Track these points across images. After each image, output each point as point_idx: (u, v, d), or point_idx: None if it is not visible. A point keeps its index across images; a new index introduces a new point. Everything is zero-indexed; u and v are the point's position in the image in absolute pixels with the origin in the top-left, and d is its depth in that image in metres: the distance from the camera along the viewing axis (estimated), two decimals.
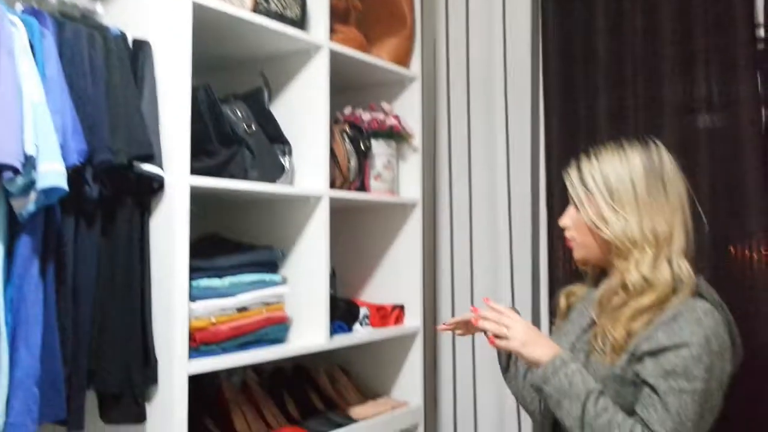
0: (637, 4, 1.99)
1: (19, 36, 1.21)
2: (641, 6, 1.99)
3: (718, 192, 1.84)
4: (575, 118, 2.10)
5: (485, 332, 1.29)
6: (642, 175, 1.22)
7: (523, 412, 2.05)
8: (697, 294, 1.19)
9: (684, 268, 1.20)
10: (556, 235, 2.07)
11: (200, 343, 1.51)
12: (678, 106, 1.93)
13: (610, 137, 1.95)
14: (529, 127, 2.14)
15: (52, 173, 1.17)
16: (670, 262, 1.19)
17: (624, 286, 1.20)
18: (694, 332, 1.13)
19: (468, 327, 1.45)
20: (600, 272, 1.35)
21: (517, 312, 1.32)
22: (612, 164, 1.25)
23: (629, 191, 1.22)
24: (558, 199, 2.08)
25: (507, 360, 1.45)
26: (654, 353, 1.13)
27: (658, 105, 1.96)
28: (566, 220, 1.33)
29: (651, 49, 1.97)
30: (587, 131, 2.08)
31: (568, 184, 1.30)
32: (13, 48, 1.19)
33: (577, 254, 1.33)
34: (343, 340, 1.86)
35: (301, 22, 1.75)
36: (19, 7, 1.31)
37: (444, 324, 1.51)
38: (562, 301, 1.40)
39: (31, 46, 1.23)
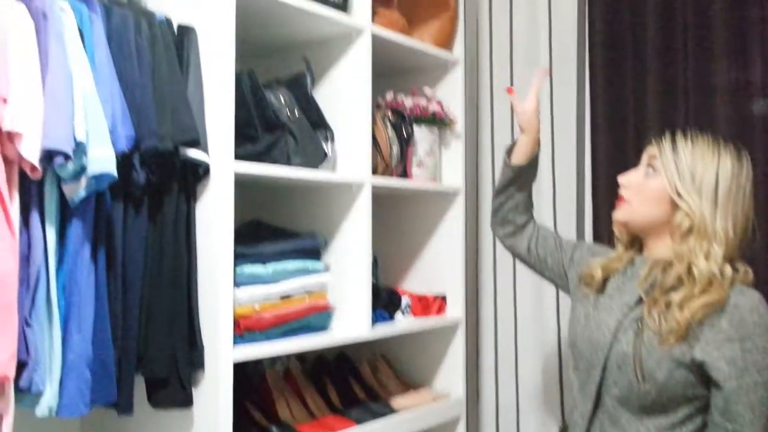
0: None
1: (69, 21, 1.22)
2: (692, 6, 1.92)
3: None
4: (622, 100, 2.04)
5: None
6: (728, 176, 1.24)
7: (567, 406, 2.02)
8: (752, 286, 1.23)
9: (742, 267, 1.24)
10: (601, 221, 2.03)
11: (244, 330, 1.51)
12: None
13: (657, 120, 1.95)
14: (575, 109, 2.09)
15: (102, 159, 1.17)
16: (732, 261, 1.23)
17: (690, 274, 1.20)
18: (756, 323, 1.16)
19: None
20: (630, 240, 1.37)
21: None
22: (704, 154, 1.26)
23: (711, 185, 1.23)
24: (604, 184, 2.03)
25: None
26: (719, 344, 1.16)
27: (708, 87, 1.89)
28: (630, 178, 1.34)
29: (701, 32, 1.90)
30: (635, 113, 2.02)
31: (656, 150, 1.30)
32: (63, 33, 1.19)
33: (624, 215, 1.34)
34: (384, 329, 1.85)
35: (343, 6, 1.73)
36: None
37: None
38: (598, 273, 1.38)
39: (80, 32, 1.23)
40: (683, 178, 1.25)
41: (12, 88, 1.11)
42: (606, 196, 2.00)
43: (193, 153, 1.38)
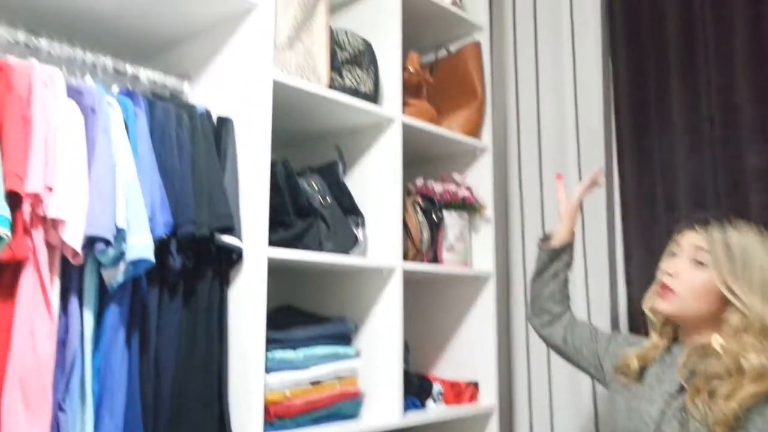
0: (711, 87, 1.96)
1: (115, 115, 1.29)
2: (716, 83, 1.95)
3: None
4: (651, 189, 2.05)
5: None
6: None
7: None
8: None
9: None
10: (636, 305, 1.99)
11: (274, 416, 1.49)
12: None
13: (689, 211, 1.94)
14: (605, 197, 2.09)
15: (141, 245, 1.21)
16: None
17: (739, 368, 1.18)
18: None
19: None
20: (664, 324, 1.36)
21: None
22: (754, 248, 1.26)
23: (765, 281, 1.23)
24: (637, 276, 2.01)
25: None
26: None
27: (738, 170, 1.89)
28: (677, 267, 1.32)
29: (729, 117, 1.92)
30: (665, 200, 2.02)
31: (701, 240, 1.29)
32: (109, 127, 1.26)
33: (671, 308, 1.32)
34: (416, 417, 1.81)
35: (374, 97, 1.80)
36: (115, 88, 1.40)
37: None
38: (634, 363, 1.36)
39: (126, 125, 1.30)
40: (735, 275, 1.24)
41: (58, 178, 1.16)
42: (639, 281, 1.97)
43: (228, 239, 1.41)
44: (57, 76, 1.24)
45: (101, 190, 1.19)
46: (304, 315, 1.75)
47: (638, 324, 1.94)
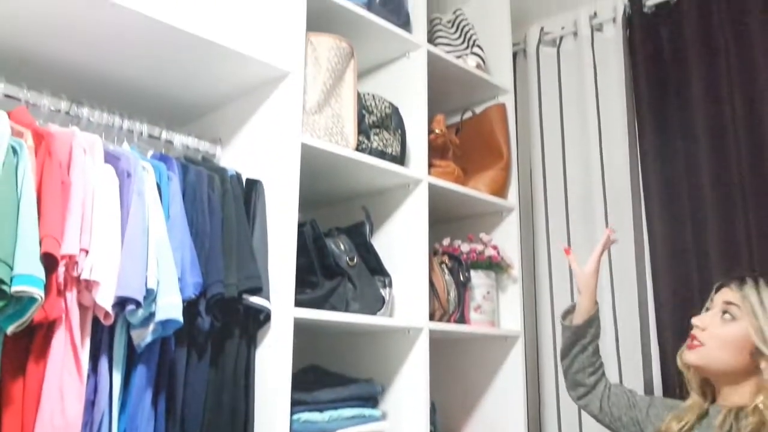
0: (740, 143, 1.96)
1: (149, 179, 1.33)
2: (746, 147, 1.95)
3: None
4: (681, 246, 2.03)
5: None
6: None
7: None
8: None
9: None
10: (668, 365, 1.95)
11: None
12: None
13: (721, 268, 1.91)
14: (633, 256, 2.08)
15: (170, 306, 1.23)
16: None
17: None
18: None
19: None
20: (702, 386, 1.36)
21: None
22: None
23: None
24: (670, 335, 1.97)
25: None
26: None
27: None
28: (705, 321, 1.33)
29: (757, 181, 1.91)
30: (696, 257, 2.00)
31: (733, 295, 1.30)
32: (144, 190, 1.30)
33: (697, 359, 1.33)
34: None
35: (401, 158, 1.83)
36: (150, 153, 1.45)
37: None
38: (674, 427, 1.35)
39: (159, 188, 1.34)
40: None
41: (93, 240, 1.20)
42: (673, 339, 1.93)
43: (256, 300, 1.43)
44: (96, 142, 1.29)
45: (133, 251, 1.22)
46: (330, 376, 1.74)
47: (672, 385, 1.89)
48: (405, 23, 1.92)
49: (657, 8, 2.22)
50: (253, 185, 1.56)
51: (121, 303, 1.21)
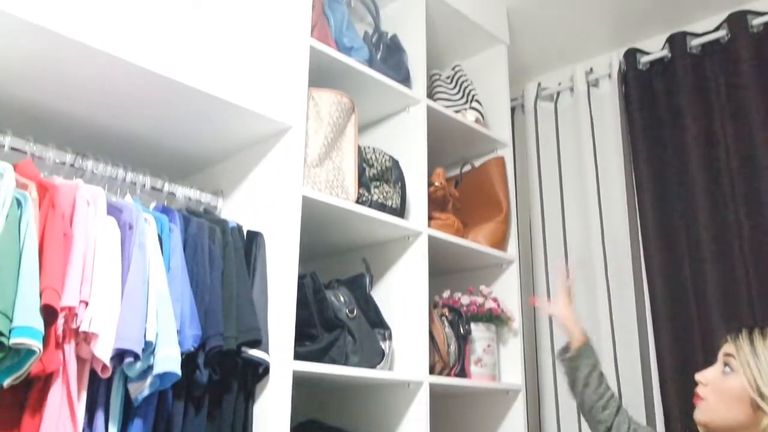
0: (737, 196, 1.98)
1: (150, 231, 1.34)
2: (743, 198, 1.97)
3: None
4: (682, 294, 2.02)
5: None
6: None
7: None
8: None
9: None
10: (672, 421, 1.92)
11: None
12: None
13: (722, 323, 1.90)
14: (635, 310, 2.07)
15: (169, 359, 1.22)
16: None
17: None
18: None
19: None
20: None
21: None
22: None
23: None
24: (671, 386, 1.95)
25: None
26: None
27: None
28: (707, 375, 1.33)
29: (759, 236, 1.92)
30: (696, 301, 1.99)
31: (732, 347, 1.30)
32: (145, 242, 1.30)
33: (702, 415, 1.32)
34: None
35: (401, 211, 1.84)
36: (152, 205, 1.47)
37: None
38: None
39: (160, 239, 1.35)
40: (765, 379, 1.23)
41: (93, 293, 1.20)
42: (676, 395, 1.91)
43: (255, 353, 1.42)
44: (99, 194, 1.31)
45: (133, 303, 1.22)
46: (329, 430, 1.71)
47: None
48: (405, 79, 1.96)
49: (651, 64, 2.27)
50: (254, 237, 1.57)
51: (119, 355, 1.20)
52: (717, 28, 2.14)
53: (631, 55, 2.30)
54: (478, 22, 2.25)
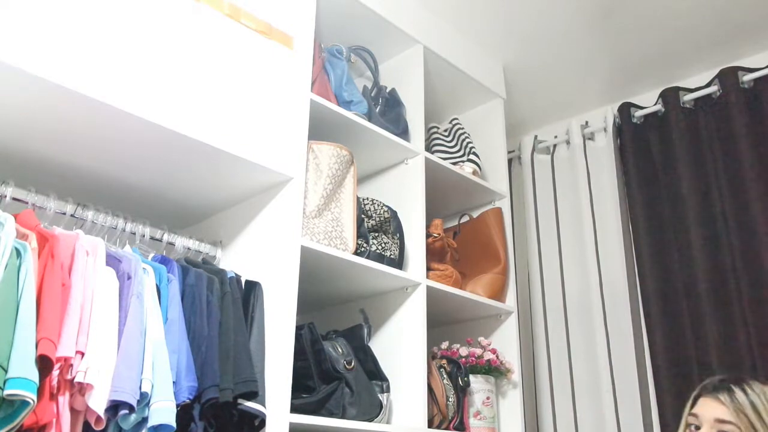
0: (735, 248, 1.99)
1: (149, 281, 1.34)
2: (739, 244, 1.98)
3: None
4: (682, 344, 2.02)
5: None
6: None
7: None
8: None
9: None
10: None
11: None
12: None
13: (723, 369, 1.89)
14: (634, 360, 2.06)
15: (164, 411, 1.21)
16: None
17: None
18: None
19: None
20: None
21: None
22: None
23: None
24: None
25: None
26: None
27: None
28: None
29: (757, 294, 1.92)
30: (695, 347, 1.98)
31: (727, 412, 1.26)
32: (143, 293, 1.31)
33: None
34: None
35: (399, 262, 1.85)
36: (151, 255, 1.47)
37: None
38: None
39: (158, 290, 1.35)
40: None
41: (90, 343, 1.19)
42: None
43: (251, 405, 1.40)
44: (99, 245, 1.31)
45: (129, 355, 1.21)
46: None
47: None
48: (403, 132, 1.99)
49: (645, 118, 2.32)
50: (252, 287, 1.57)
51: (113, 407, 1.19)
52: (709, 84, 2.19)
53: (626, 109, 2.35)
54: (475, 77, 2.30)
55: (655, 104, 2.29)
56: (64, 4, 1.27)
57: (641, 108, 2.34)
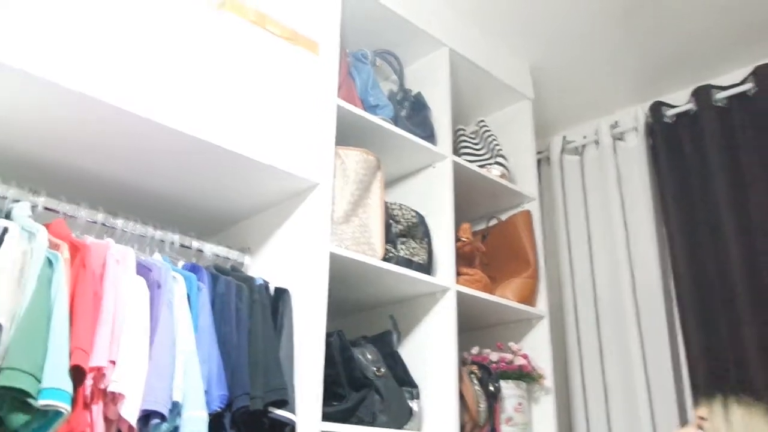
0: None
1: (179, 289, 1.34)
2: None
3: None
4: (718, 349, 1.96)
5: None
6: None
7: None
8: None
9: None
10: None
11: None
12: None
13: (759, 369, 1.84)
14: (670, 361, 2.01)
15: (195, 420, 1.21)
16: None
17: None
18: None
19: None
20: None
21: None
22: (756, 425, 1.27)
23: None
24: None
25: None
26: None
27: None
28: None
29: None
30: (733, 351, 1.93)
31: (707, 412, 1.24)
32: (173, 301, 1.31)
33: None
34: None
35: (428, 267, 1.83)
36: (180, 263, 1.47)
37: None
38: None
39: (188, 297, 1.35)
40: None
41: (121, 352, 1.20)
42: None
43: (282, 413, 1.39)
44: (129, 254, 1.32)
45: (160, 364, 1.21)
46: None
47: None
48: (430, 135, 1.97)
49: (677, 117, 2.27)
50: (280, 294, 1.56)
51: (145, 416, 1.19)
52: (743, 81, 2.14)
53: (657, 108, 2.31)
54: (502, 78, 2.27)
55: (687, 103, 2.25)
56: (95, 14, 1.28)
57: (673, 107, 2.29)
